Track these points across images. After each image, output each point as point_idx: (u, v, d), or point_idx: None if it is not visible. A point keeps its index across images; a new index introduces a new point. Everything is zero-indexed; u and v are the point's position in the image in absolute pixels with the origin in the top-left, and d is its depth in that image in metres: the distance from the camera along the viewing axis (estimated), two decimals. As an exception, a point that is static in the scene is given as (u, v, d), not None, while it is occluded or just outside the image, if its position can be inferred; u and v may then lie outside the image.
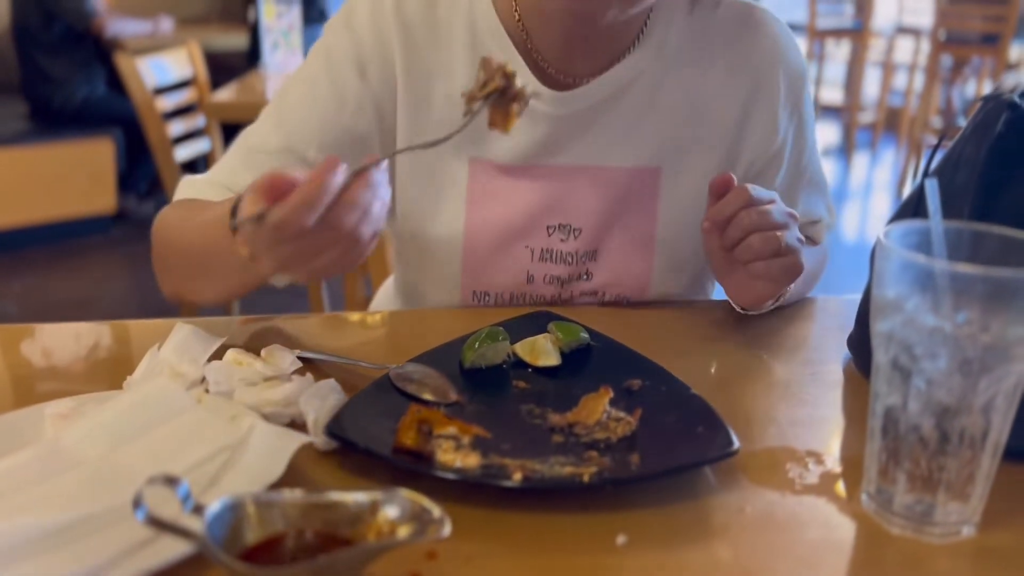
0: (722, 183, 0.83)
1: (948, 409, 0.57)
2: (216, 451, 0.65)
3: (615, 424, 0.69)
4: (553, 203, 0.96)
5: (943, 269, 0.55)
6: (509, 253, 0.97)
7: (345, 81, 0.93)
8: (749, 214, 0.81)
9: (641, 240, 0.98)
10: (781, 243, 0.81)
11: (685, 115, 0.96)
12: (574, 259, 0.98)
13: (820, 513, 0.63)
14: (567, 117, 0.94)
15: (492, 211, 0.96)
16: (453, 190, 0.95)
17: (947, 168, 0.73)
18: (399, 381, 0.75)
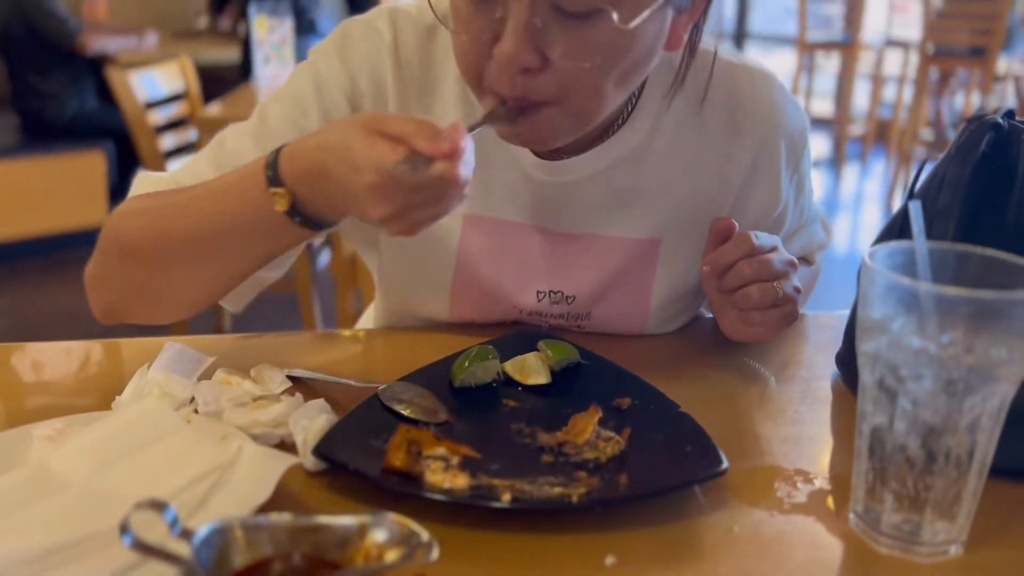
0: (724, 228, 0.84)
1: (934, 429, 0.58)
2: (204, 473, 0.65)
3: (604, 444, 0.70)
4: (546, 268, 0.92)
5: (928, 291, 0.56)
6: (497, 309, 0.94)
7: (337, 113, 0.87)
8: (750, 264, 0.81)
9: (635, 305, 0.95)
10: (778, 294, 0.81)
11: (684, 187, 0.91)
12: (565, 318, 0.95)
13: (808, 532, 0.63)
14: (559, 185, 0.89)
15: (481, 270, 0.92)
16: (444, 240, 0.91)
17: (932, 189, 0.74)
18: (388, 400, 0.75)
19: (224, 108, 2.91)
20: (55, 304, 3.36)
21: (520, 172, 0.89)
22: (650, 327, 0.97)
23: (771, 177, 0.93)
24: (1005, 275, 0.59)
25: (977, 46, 4.63)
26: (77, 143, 3.85)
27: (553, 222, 0.91)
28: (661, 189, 0.90)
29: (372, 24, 0.89)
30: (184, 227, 0.78)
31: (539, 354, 0.83)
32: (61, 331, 3.12)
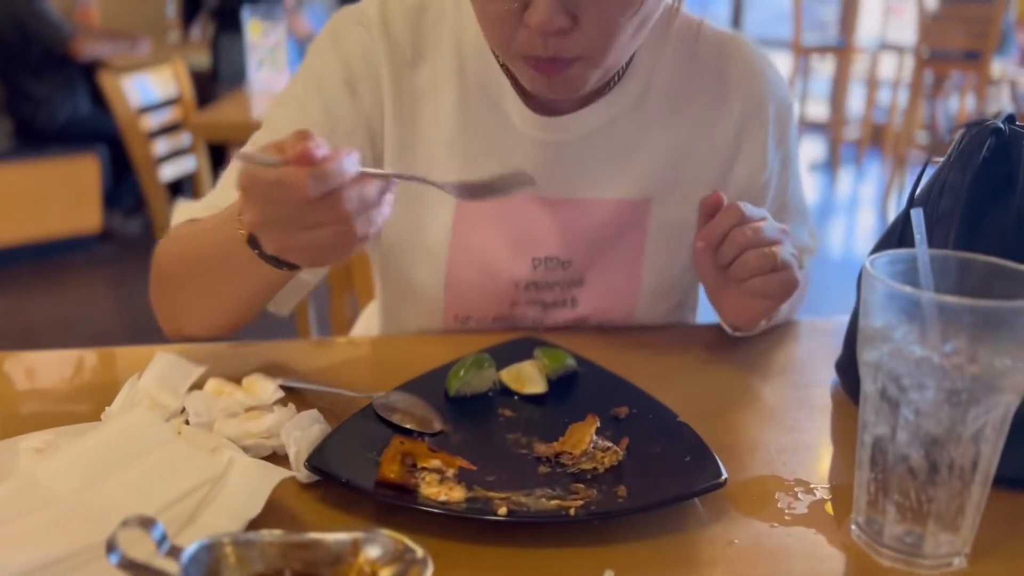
0: (713, 202, 0.83)
1: (937, 440, 0.57)
2: (195, 486, 0.64)
3: (602, 454, 0.69)
4: (541, 235, 0.94)
5: (930, 300, 0.55)
6: (493, 282, 0.95)
7: (338, 104, 0.91)
8: (743, 231, 0.80)
9: (628, 269, 0.96)
10: (777, 259, 0.80)
11: (674, 150, 0.94)
12: (560, 287, 0.96)
13: (809, 544, 0.62)
14: (554, 145, 0.91)
15: (478, 240, 0.94)
16: (439, 215, 0.93)
17: (932, 195, 0.73)
18: (383, 411, 0.74)
19: (218, 113, 2.90)
20: (48, 311, 3.34)
21: (514, 137, 0.91)
22: (643, 300, 0.97)
23: (759, 142, 0.96)
24: (1008, 282, 0.58)
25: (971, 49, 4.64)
26: (70, 148, 3.84)
27: (547, 188, 0.93)
28: (653, 146, 0.93)
29: (360, 10, 0.93)
30: (195, 257, 0.84)
31: (535, 362, 0.82)
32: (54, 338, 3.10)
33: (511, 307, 0.97)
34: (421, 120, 0.92)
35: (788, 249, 0.82)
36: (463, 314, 0.97)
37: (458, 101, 0.91)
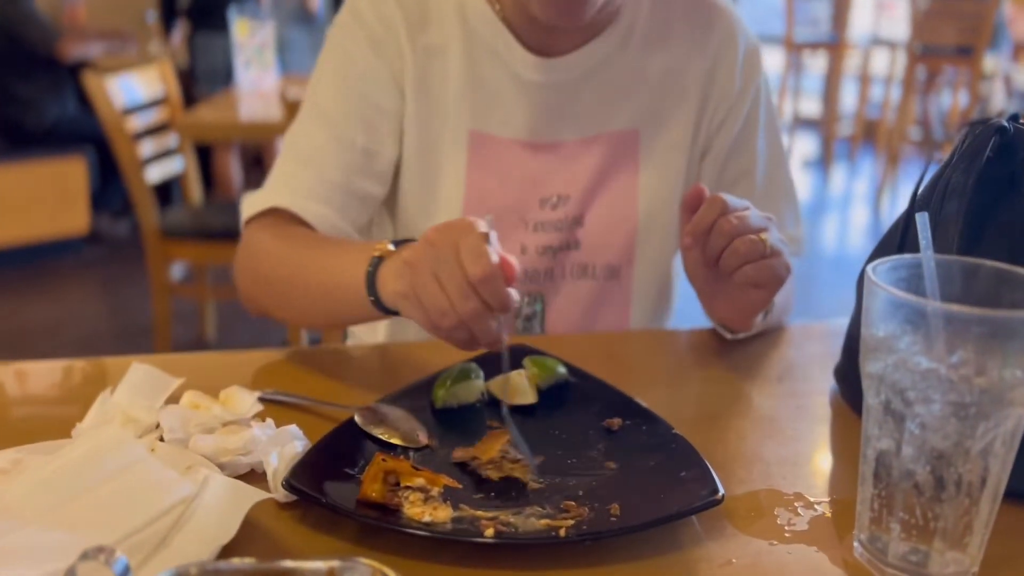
0: (694, 196, 0.81)
1: (944, 455, 0.54)
2: (168, 508, 0.61)
3: (511, 465, 0.66)
4: (546, 177, 1.00)
5: (936, 309, 0.52)
6: (505, 225, 0.99)
7: (367, 64, 0.98)
8: (729, 220, 0.79)
9: (623, 202, 1.01)
10: (766, 245, 0.79)
11: (658, 85, 1.01)
12: (563, 226, 1.01)
13: (810, 562, 0.60)
14: (552, 86, 0.98)
15: (491, 187, 0.99)
16: (452, 165, 0.99)
17: (935, 197, 0.70)
18: (366, 424, 0.71)
19: (206, 113, 2.86)
20: (35, 315, 3.30)
21: (517, 86, 0.98)
22: (641, 235, 1.01)
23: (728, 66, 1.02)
24: (1017, 290, 0.56)
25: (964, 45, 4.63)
26: (57, 150, 3.79)
27: (549, 133, 1.00)
28: (640, 80, 1.01)
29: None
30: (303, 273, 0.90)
31: (525, 372, 0.80)
32: (41, 343, 3.06)
33: (521, 253, 1.01)
34: (432, 79, 0.99)
35: (775, 235, 0.81)
36: None
37: (463, 57, 0.98)
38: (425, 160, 1.00)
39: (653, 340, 1.01)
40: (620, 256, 1.02)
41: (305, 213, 0.94)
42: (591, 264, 1.02)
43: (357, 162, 0.97)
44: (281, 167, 0.99)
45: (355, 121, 0.97)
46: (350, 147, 0.97)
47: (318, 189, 0.95)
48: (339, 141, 0.97)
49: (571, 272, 1.02)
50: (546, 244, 1.01)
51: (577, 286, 1.02)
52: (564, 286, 1.02)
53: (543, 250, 1.01)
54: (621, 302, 1.04)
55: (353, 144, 0.97)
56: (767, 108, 1.06)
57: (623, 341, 1.01)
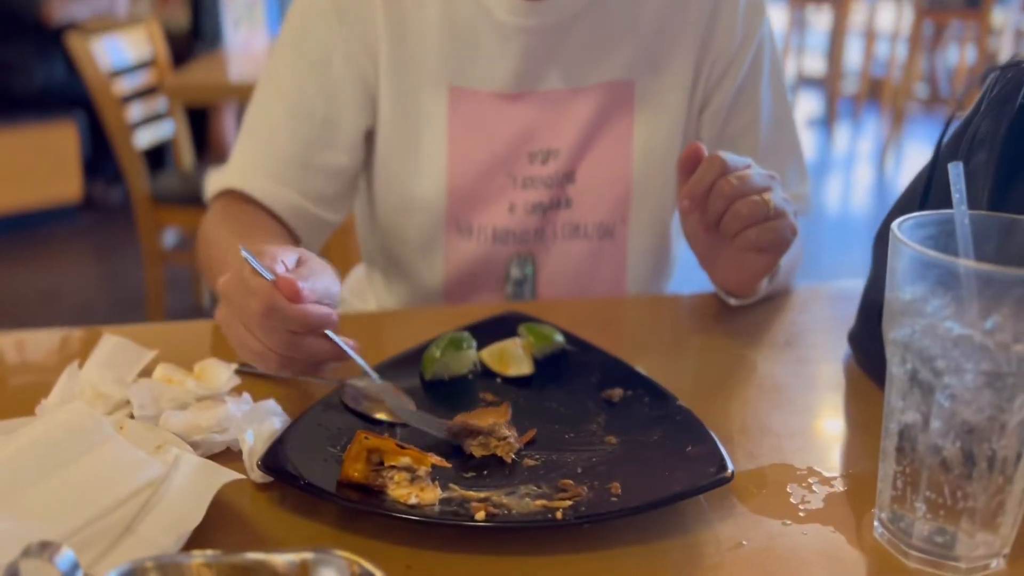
0: (691, 156, 0.76)
1: (975, 429, 0.50)
2: (136, 490, 0.56)
3: (496, 442, 0.61)
4: (533, 129, 0.94)
5: (970, 269, 0.47)
6: (492, 183, 0.95)
7: (329, 33, 0.92)
8: (728, 181, 0.73)
9: (617, 157, 0.95)
10: (770, 205, 0.74)
11: (655, 31, 0.94)
12: (553, 182, 0.95)
13: (827, 544, 0.55)
14: (538, 31, 0.91)
15: (475, 141, 0.94)
16: (434, 121, 0.94)
17: (962, 147, 0.65)
18: (351, 399, 0.67)
19: (195, 75, 2.79)
20: (29, 284, 3.26)
21: (500, 32, 0.91)
22: (635, 194, 0.96)
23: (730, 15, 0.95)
24: (1057, 247, 0.51)
25: (972, -2, 4.51)
26: (47, 115, 3.71)
27: (534, 81, 0.93)
28: (634, 25, 0.94)
29: None
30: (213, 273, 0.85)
31: (520, 340, 0.75)
32: (36, 312, 3.02)
33: (509, 213, 0.95)
34: (408, 34, 0.93)
35: (779, 195, 0.75)
36: (464, 222, 0.96)
37: (441, 7, 0.92)
38: (404, 122, 0.94)
39: (652, 305, 0.96)
40: (613, 214, 0.97)
41: (258, 193, 0.91)
42: (583, 223, 0.97)
43: (317, 134, 0.93)
44: (239, 144, 0.96)
45: (314, 93, 0.92)
46: (308, 119, 0.92)
47: (272, 167, 0.92)
48: (296, 115, 0.92)
49: (562, 232, 0.97)
50: (535, 202, 0.95)
51: (569, 246, 0.97)
52: (555, 247, 0.97)
53: (532, 208, 0.96)
54: (616, 264, 0.99)
55: (312, 116, 0.92)
56: (772, 58, 0.99)
57: (620, 307, 0.96)
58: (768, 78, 0.99)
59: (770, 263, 0.81)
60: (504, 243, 0.96)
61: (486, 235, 0.96)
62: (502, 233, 0.96)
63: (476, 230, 0.96)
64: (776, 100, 1.00)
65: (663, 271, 1.05)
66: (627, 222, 0.97)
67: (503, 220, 0.96)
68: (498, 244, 0.96)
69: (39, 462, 0.58)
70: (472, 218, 0.96)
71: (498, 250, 0.96)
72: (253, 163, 0.93)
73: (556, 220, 0.97)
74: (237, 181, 0.92)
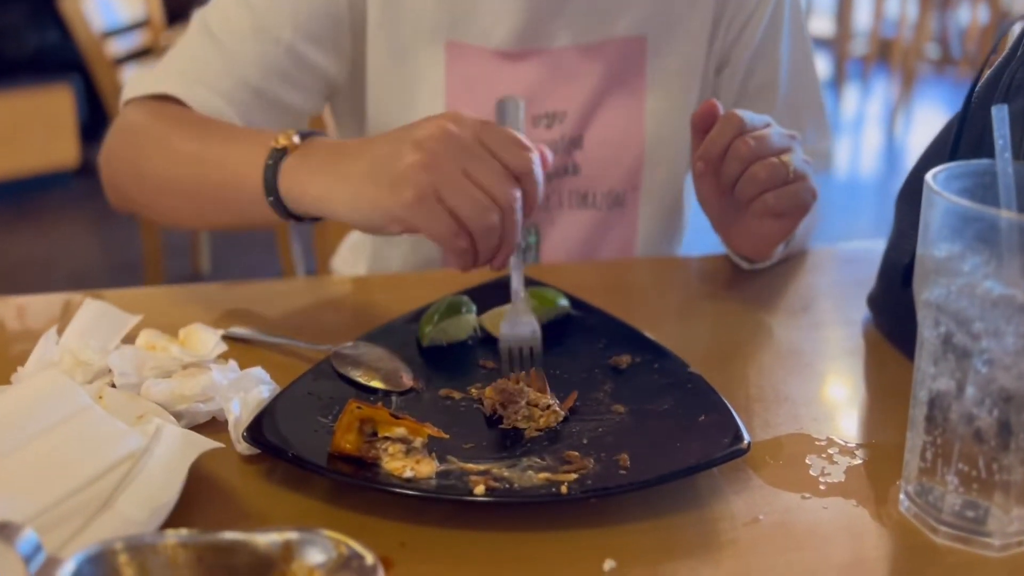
0: (705, 113, 0.72)
1: (1014, 397, 0.46)
2: (114, 464, 0.53)
3: (540, 412, 0.58)
4: (537, 90, 0.89)
5: (1012, 222, 0.43)
6: None
7: None
8: (746, 142, 0.69)
9: (628, 120, 0.90)
10: (789, 168, 0.69)
11: None
12: (558, 147, 0.90)
13: (848, 519, 0.52)
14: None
15: (473, 102, 0.87)
16: (429, 79, 0.88)
17: (998, 96, 0.60)
18: (343, 366, 0.63)
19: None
20: (25, 250, 3.22)
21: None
22: (647, 160, 0.91)
23: None
24: (1106, 200, 0.46)
25: (986, -46, 4.41)
26: (42, 78, 3.65)
27: (539, 38, 0.88)
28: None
29: None
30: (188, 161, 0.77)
31: (522, 304, 0.71)
32: (32, 279, 2.98)
33: None
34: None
35: (800, 156, 0.71)
36: None
37: None
38: (397, 78, 0.88)
39: (661, 268, 0.92)
40: (624, 182, 0.92)
41: (199, 105, 0.81)
42: (591, 192, 0.92)
43: (278, 62, 0.83)
44: (184, 45, 0.85)
45: (284, 15, 0.83)
46: (273, 42, 0.83)
47: (221, 82, 0.82)
48: (261, 32, 0.83)
49: (568, 201, 0.92)
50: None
51: (576, 216, 0.92)
52: (561, 216, 0.92)
53: None
54: (626, 234, 0.94)
55: (277, 40, 0.83)
56: (792, 11, 0.94)
57: (628, 270, 0.92)
58: (788, 32, 0.94)
59: (788, 228, 0.76)
60: None
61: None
62: None
63: None
64: (796, 52, 0.95)
65: (674, 239, 1.01)
66: (638, 190, 0.92)
67: None
68: None
69: (11, 433, 0.54)
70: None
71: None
72: (198, 69, 0.82)
73: (562, 188, 0.92)
74: (175, 86, 0.81)
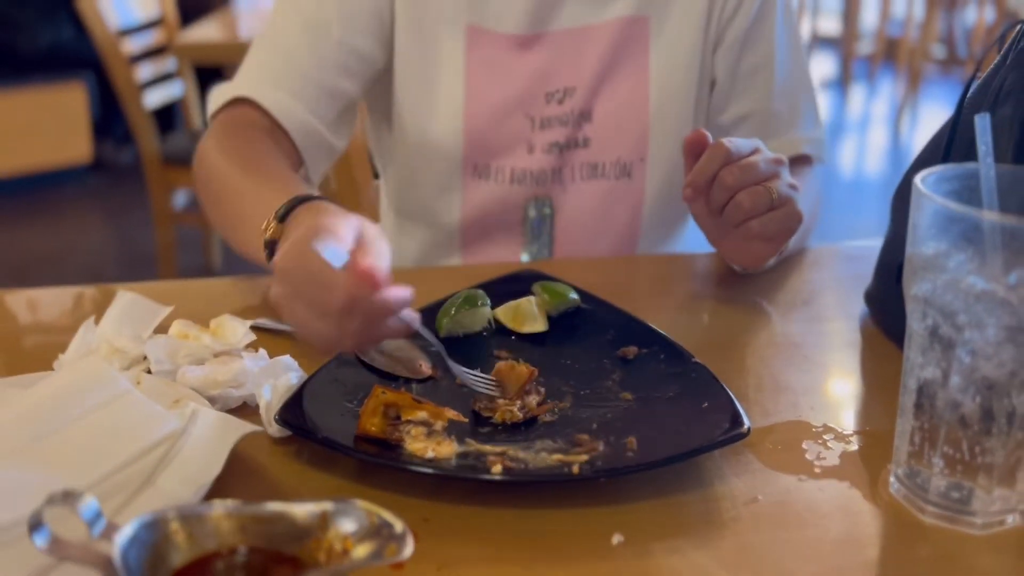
0: (695, 142, 0.75)
1: (996, 385, 0.49)
2: (154, 444, 0.57)
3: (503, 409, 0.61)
4: (550, 69, 0.95)
5: (994, 223, 0.47)
6: (510, 122, 0.95)
7: None
8: (731, 171, 0.72)
9: (633, 94, 0.95)
10: (772, 195, 0.73)
11: None
12: (569, 120, 0.96)
13: (842, 500, 0.56)
14: None
15: (491, 83, 0.94)
16: (451, 61, 0.94)
17: (986, 101, 0.63)
18: (366, 355, 0.67)
19: (203, 34, 2.76)
20: (39, 245, 3.27)
21: None
22: (652, 131, 0.96)
23: None
24: (1084, 202, 0.50)
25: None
26: (55, 76, 3.69)
27: (550, 20, 0.94)
28: None
29: None
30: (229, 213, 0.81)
31: (534, 298, 0.75)
32: (45, 273, 3.03)
33: (528, 154, 0.96)
34: None
35: (785, 181, 0.75)
36: (482, 163, 0.96)
37: None
38: (421, 62, 0.94)
39: (668, 264, 0.96)
40: (632, 152, 0.97)
41: (271, 105, 0.87)
42: (601, 162, 0.97)
43: (333, 56, 0.90)
44: (250, 57, 0.92)
45: (331, 12, 0.90)
46: (325, 37, 0.90)
47: (287, 80, 0.89)
48: (312, 30, 0.90)
49: (580, 173, 0.97)
50: (552, 141, 0.95)
51: (587, 187, 0.97)
52: (573, 187, 0.97)
53: (549, 147, 0.96)
54: (634, 203, 0.98)
55: (328, 35, 0.90)
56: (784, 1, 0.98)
57: (636, 265, 0.95)
58: (782, 18, 0.99)
59: (774, 249, 0.81)
60: (522, 184, 0.96)
61: (504, 176, 0.96)
62: (520, 174, 0.96)
63: (494, 172, 0.96)
64: (790, 41, 1.00)
65: (678, 216, 1.04)
66: (646, 160, 0.97)
67: (521, 161, 0.96)
68: (516, 185, 0.96)
69: (57, 415, 0.58)
70: (490, 160, 0.96)
71: (516, 191, 0.96)
72: (267, 74, 0.90)
73: (574, 160, 0.97)
74: (249, 90, 0.88)
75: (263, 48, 0.92)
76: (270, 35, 0.92)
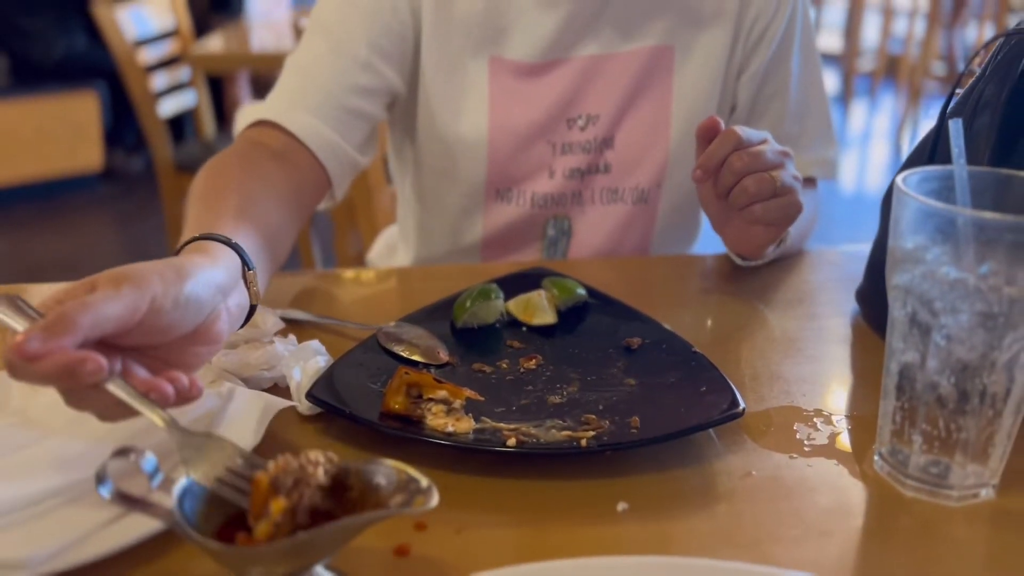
0: (708, 128, 0.80)
1: (969, 366, 0.54)
2: (194, 419, 0.61)
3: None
4: (572, 96, 0.98)
5: (966, 217, 0.51)
6: (533, 149, 0.98)
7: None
8: (740, 157, 0.77)
9: (656, 122, 0.99)
10: (777, 183, 0.77)
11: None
12: (592, 147, 0.99)
13: (830, 475, 0.60)
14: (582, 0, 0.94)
15: (514, 110, 0.97)
16: (475, 90, 0.97)
17: (966, 110, 0.68)
18: (387, 342, 0.72)
19: (217, 44, 2.83)
20: (50, 252, 3.32)
21: (539, 7, 0.95)
22: (672, 159, 0.99)
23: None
24: (1050, 200, 0.54)
25: (993, -26, 4.48)
26: (68, 84, 3.76)
27: (575, 47, 0.97)
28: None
29: None
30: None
31: (544, 293, 0.79)
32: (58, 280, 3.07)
33: (549, 179, 1.00)
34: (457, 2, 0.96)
35: (790, 172, 0.79)
36: (504, 187, 1.00)
37: None
38: (446, 90, 0.97)
39: (673, 265, 1.01)
40: (650, 180, 1.01)
41: (295, 127, 0.89)
42: (621, 188, 1.01)
43: (357, 78, 0.93)
44: (281, 81, 0.95)
45: (358, 36, 0.93)
46: (351, 60, 0.93)
47: (311, 101, 0.91)
48: (339, 53, 0.93)
49: (600, 197, 1.01)
50: (573, 167, 0.99)
51: (605, 210, 1.02)
52: (592, 210, 1.01)
53: (571, 173, 0.99)
54: (646, 225, 1.03)
55: (355, 58, 0.93)
56: (804, 23, 1.03)
57: (643, 266, 1.00)
58: (800, 43, 1.02)
59: (774, 235, 0.86)
60: (543, 207, 1.00)
61: (525, 200, 1.00)
62: (541, 198, 1.00)
63: (516, 196, 1.00)
64: (806, 65, 1.04)
65: (689, 236, 1.09)
66: (662, 187, 1.01)
67: (542, 186, 1.00)
68: (536, 208, 1.00)
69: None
70: (512, 185, 1.00)
71: (536, 213, 1.00)
72: (293, 98, 0.92)
73: (594, 185, 1.01)
74: (273, 114, 0.90)
75: (290, 72, 0.95)
76: (299, 58, 0.95)
